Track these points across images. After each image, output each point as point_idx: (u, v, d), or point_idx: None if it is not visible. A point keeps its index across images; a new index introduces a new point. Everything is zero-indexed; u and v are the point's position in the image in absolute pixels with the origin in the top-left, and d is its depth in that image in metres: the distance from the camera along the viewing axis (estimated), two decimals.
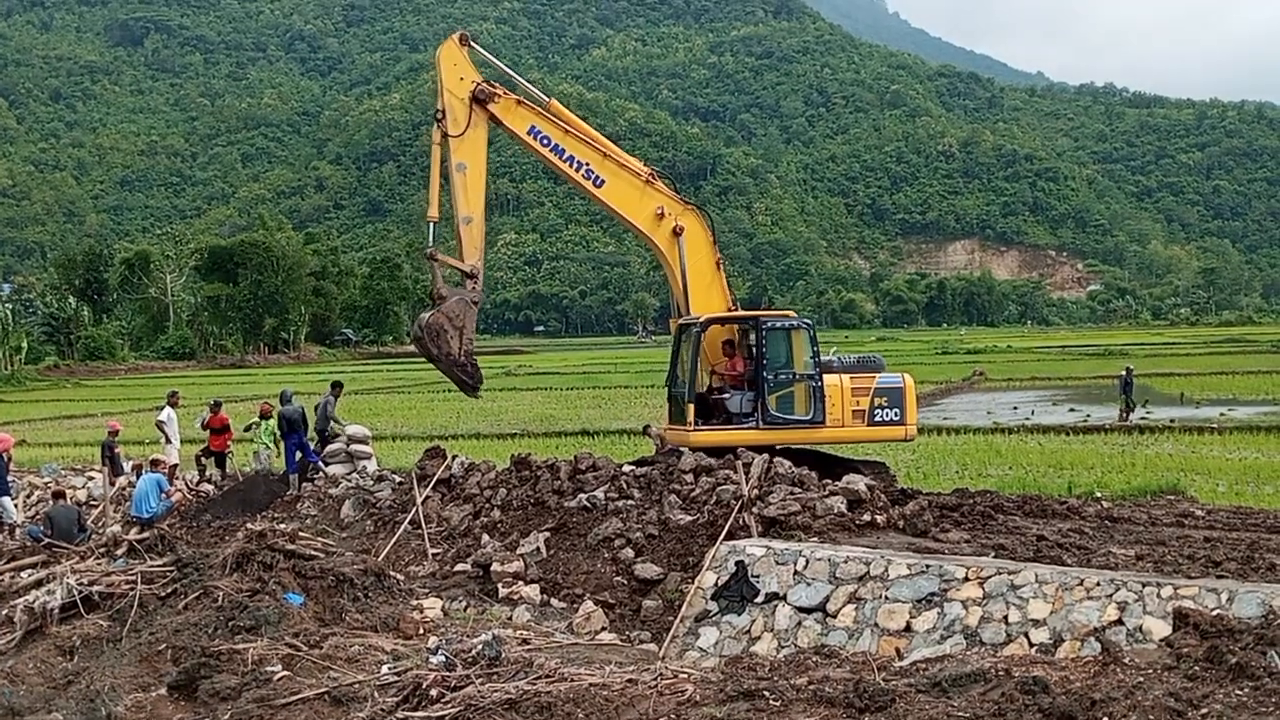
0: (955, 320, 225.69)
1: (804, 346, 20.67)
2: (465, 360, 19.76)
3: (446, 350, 19.57)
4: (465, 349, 19.69)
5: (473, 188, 19.97)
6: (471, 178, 20.02)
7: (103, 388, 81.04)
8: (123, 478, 24.68)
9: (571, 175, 20.80)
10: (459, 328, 19.56)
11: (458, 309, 19.57)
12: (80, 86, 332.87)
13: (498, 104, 20.34)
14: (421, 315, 20.06)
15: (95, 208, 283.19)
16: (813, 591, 13.46)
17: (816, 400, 20.34)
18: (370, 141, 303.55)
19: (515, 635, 13.23)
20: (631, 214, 21.10)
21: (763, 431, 20.17)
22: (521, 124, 20.61)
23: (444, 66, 20.42)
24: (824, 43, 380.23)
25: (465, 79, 20.33)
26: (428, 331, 19.44)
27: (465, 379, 19.95)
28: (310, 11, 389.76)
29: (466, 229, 19.88)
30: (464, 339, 19.63)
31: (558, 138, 20.74)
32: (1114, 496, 21.52)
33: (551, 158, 20.79)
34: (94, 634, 14.17)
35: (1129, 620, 11.33)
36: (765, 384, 20.30)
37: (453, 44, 20.74)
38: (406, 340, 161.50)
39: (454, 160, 19.88)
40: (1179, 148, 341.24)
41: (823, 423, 20.40)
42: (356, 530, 19.63)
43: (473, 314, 19.80)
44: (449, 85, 20.24)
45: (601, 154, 20.92)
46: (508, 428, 39.71)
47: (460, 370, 19.81)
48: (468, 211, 19.85)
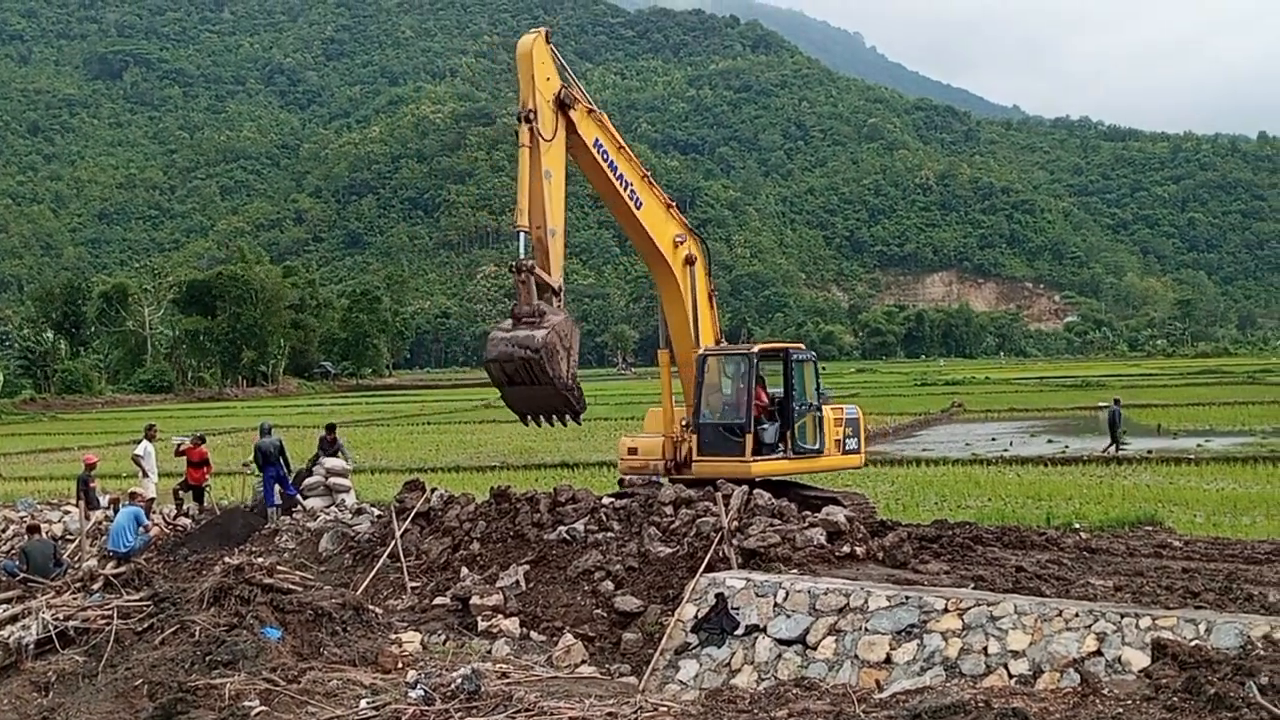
0: (933, 352, 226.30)
1: (812, 379, 21.40)
2: (574, 384, 17.68)
3: (558, 373, 17.21)
4: (572, 371, 17.65)
5: (557, 198, 18.44)
6: (556, 187, 18.45)
7: (79, 421, 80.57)
8: (99, 512, 24.51)
9: (619, 194, 20.02)
10: (568, 348, 17.48)
11: (567, 327, 17.52)
12: (58, 120, 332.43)
13: (577, 111, 19.14)
14: (523, 333, 17.23)
15: (73, 241, 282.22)
16: (793, 624, 13.45)
17: (820, 430, 21.09)
18: (349, 174, 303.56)
19: (494, 669, 13.17)
20: (659, 239, 20.69)
21: (792, 461, 20.73)
22: (590, 135, 19.52)
23: (535, 64, 18.47)
24: (802, 76, 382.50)
25: (551, 80, 18.79)
26: (545, 351, 16.94)
27: (574, 404, 17.80)
28: (289, 45, 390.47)
29: (552, 242, 18.24)
30: (571, 360, 17.58)
31: (613, 153, 19.99)
32: (1092, 527, 21.57)
33: (607, 174, 19.82)
34: (69, 669, 14.05)
35: (1108, 651, 11.36)
36: (793, 414, 20.73)
37: (541, 40, 18.88)
38: (386, 373, 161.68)
39: (542, 167, 18.18)
40: (1154, 180, 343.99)
41: (822, 452, 21.15)
42: (335, 564, 19.54)
43: (577, 333, 17.95)
44: (538, 84, 18.43)
45: (641, 174, 20.58)
46: (487, 460, 39.61)
47: (570, 395, 17.60)
48: (554, 223, 18.27)
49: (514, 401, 18.03)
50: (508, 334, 17.47)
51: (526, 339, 17.13)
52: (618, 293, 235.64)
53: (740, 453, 20.07)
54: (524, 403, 18.01)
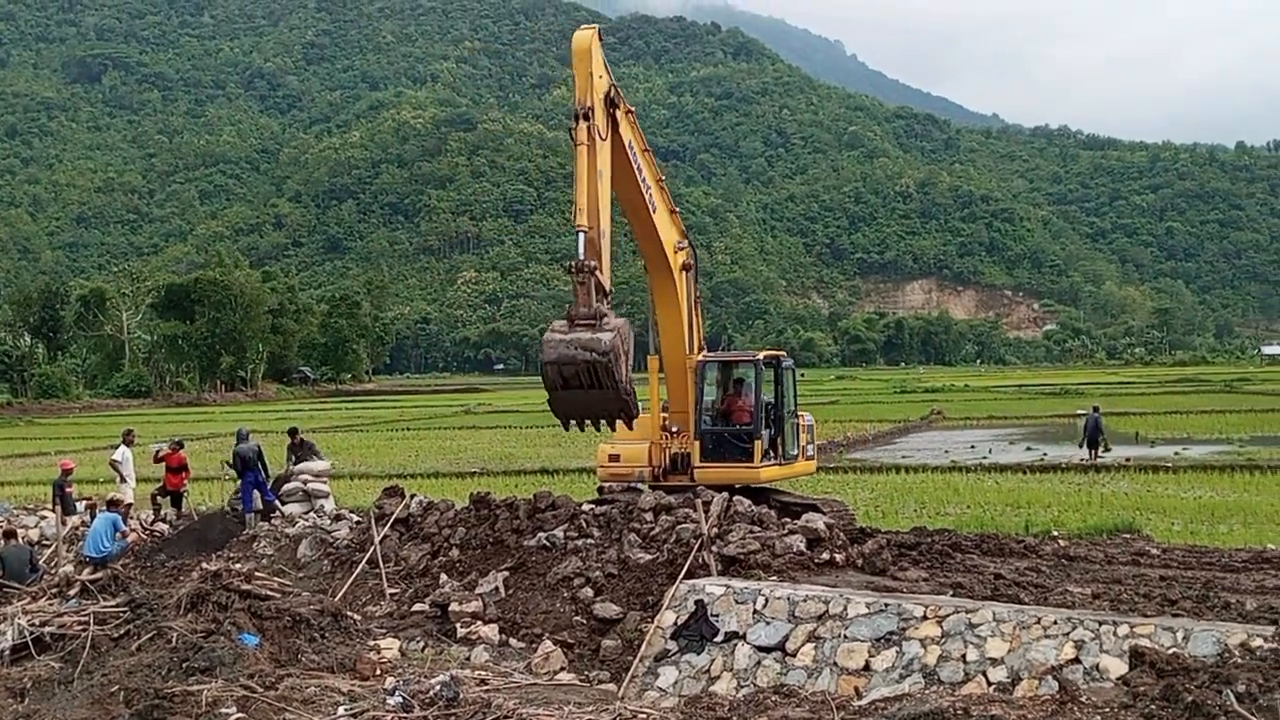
0: (913, 359, 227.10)
1: (793, 386, 21.85)
2: (631, 388, 17.00)
3: (619, 376, 16.55)
4: (629, 375, 16.93)
5: (606, 199, 17.79)
6: (605, 187, 17.87)
7: (56, 426, 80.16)
8: (75, 517, 24.37)
9: (640, 197, 19.85)
10: (627, 351, 16.77)
11: (627, 331, 16.83)
12: (37, 123, 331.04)
13: (620, 110, 18.78)
14: (588, 336, 16.50)
15: (51, 245, 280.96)
16: (772, 630, 13.45)
17: (797, 437, 21.59)
18: (329, 179, 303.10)
19: (473, 676, 13.15)
20: (666, 243, 20.75)
21: (782, 467, 21.13)
22: (627, 135, 19.19)
23: (594, 61, 18.02)
24: (783, 84, 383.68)
25: (603, 78, 18.32)
26: (613, 355, 16.30)
27: (632, 407, 17.31)
28: (270, 49, 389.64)
29: (603, 243, 17.45)
30: (629, 363, 16.89)
31: (640, 155, 19.82)
32: (1071, 535, 21.64)
33: (635, 176, 19.58)
34: (45, 675, 13.97)
35: (1086, 659, 11.38)
36: (783, 421, 21.16)
37: (595, 38, 18.28)
38: (365, 378, 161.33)
39: (596, 165, 17.63)
40: (1132, 189, 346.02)
41: (798, 458, 21.63)
42: (313, 570, 19.46)
43: (631, 338, 17.06)
44: (594, 82, 17.97)
45: (657, 178, 20.62)
46: (467, 466, 39.55)
47: (630, 398, 17.02)
48: (604, 225, 17.56)
49: (564, 405, 17.28)
50: (566, 336, 16.68)
51: (592, 341, 16.44)
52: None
53: (749, 459, 20.33)
54: (577, 407, 17.30)
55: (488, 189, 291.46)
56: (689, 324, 21.21)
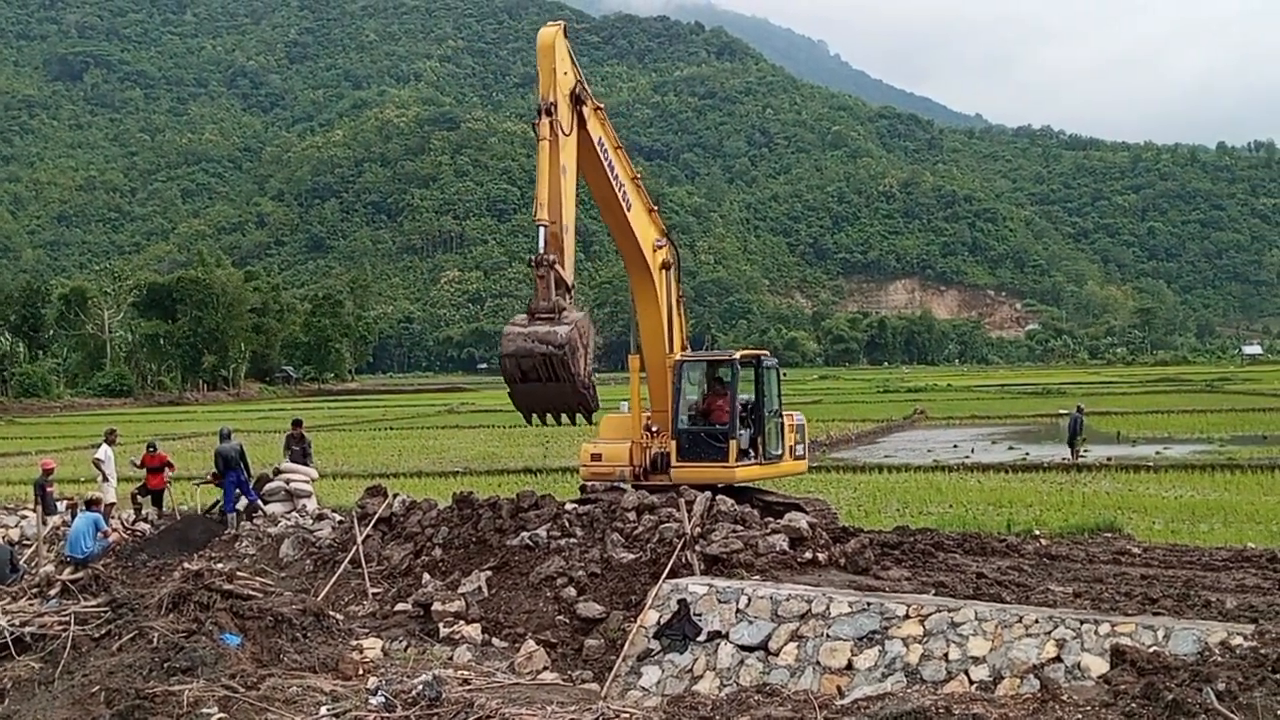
0: (896, 359, 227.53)
1: (776, 385, 21.72)
2: (591, 382, 17.36)
3: (577, 370, 16.81)
4: (589, 369, 17.28)
5: (570, 193, 18.01)
6: (570, 182, 18.09)
7: (37, 425, 79.79)
8: (56, 517, 24.28)
9: (613, 195, 19.91)
10: (585, 345, 17.08)
11: (586, 325, 17.18)
12: (18, 121, 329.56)
13: (588, 106, 19.07)
14: (545, 329, 16.72)
15: (32, 243, 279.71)
16: (755, 630, 13.47)
17: (781, 436, 21.45)
18: (312, 178, 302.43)
19: (456, 675, 13.13)
20: (643, 241, 20.81)
21: (763, 467, 21.04)
22: (595, 132, 19.39)
23: (557, 57, 18.42)
24: (766, 84, 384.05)
25: (569, 74, 18.70)
26: (569, 348, 16.53)
27: (590, 402, 17.45)
28: (252, 48, 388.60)
29: (566, 238, 17.71)
30: (588, 358, 17.20)
31: (612, 152, 19.93)
32: (1052, 534, 21.69)
33: (605, 172, 19.71)
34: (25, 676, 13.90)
35: (1067, 657, 11.42)
36: (764, 420, 21.03)
37: (561, 33, 18.83)
38: (348, 378, 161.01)
39: (559, 161, 17.85)
40: (1114, 190, 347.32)
41: (782, 457, 21.47)
42: (296, 570, 19.41)
43: (592, 332, 17.47)
44: (557, 78, 18.30)
45: (632, 176, 20.67)
46: (450, 465, 39.51)
47: (587, 392, 17.24)
48: (567, 219, 17.77)
49: (523, 399, 17.51)
50: (524, 329, 16.88)
51: (548, 335, 16.64)
52: (582, 299, 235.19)
53: (724, 458, 20.21)
54: (535, 400, 17.49)
55: (471, 188, 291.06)
56: (668, 323, 21.22)
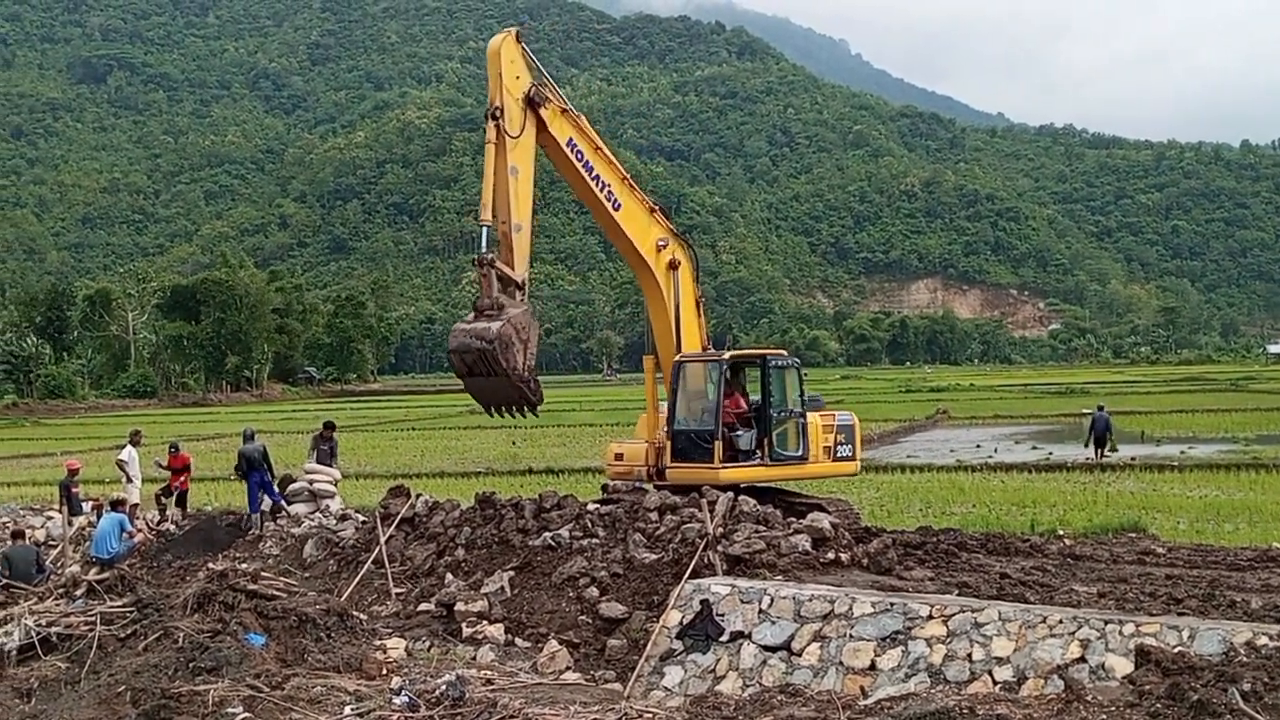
0: (918, 358, 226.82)
1: (794, 385, 21.19)
2: (529, 376, 18.06)
3: (513, 364, 17.61)
4: (529, 364, 17.96)
5: (523, 194, 18.78)
6: (523, 183, 18.80)
7: (62, 426, 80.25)
8: (81, 518, 24.42)
9: (595, 195, 20.28)
10: (524, 340, 17.81)
11: (523, 320, 17.88)
12: (42, 124, 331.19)
13: (547, 109, 19.49)
14: (480, 325, 17.68)
15: (56, 245, 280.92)
16: (778, 630, 13.45)
17: (803, 437, 20.88)
18: (334, 179, 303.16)
19: (479, 675, 13.16)
20: (639, 242, 20.87)
21: (769, 468, 20.63)
22: (563, 134, 19.82)
23: (503, 62, 19.01)
24: (787, 83, 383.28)
25: (521, 78, 19.24)
26: (499, 343, 17.33)
27: (529, 396, 18.18)
28: (275, 50, 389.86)
29: (517, 237, 18.55)
30: (528, 353, 17.90)
31: (589, 154, 20.26)
32: (1076, 534, 21.62)
33: (582, 174, 20.12)
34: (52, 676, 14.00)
35: (1092, 658, 11.38)
36: (770, 421, 20.63)
37: (511, 39, 19.47)
38: (371, 378, 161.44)
39: (508, 163, 18.60)
40: (1138, 188, 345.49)
41: (806, 459, 20.93)
42: (319, 570, 19.49)
43: (536, 326, 18.30)
44: (506, 83, 18.88)
45: (621, 177, 20.72)
46: (472, 466, 39.58)
47: (525, 386, 18.00)
48: (519, 218, 18.59)
49: (474, 391, 18.54)
50: (469, 326, 17.93)
51: (483, 330, 17.56)
52: (603, 298, 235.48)
53: (709, 459, 20.13)
54: (483, 393, 18.47)
55: None
56: (675, 324, 21.16)
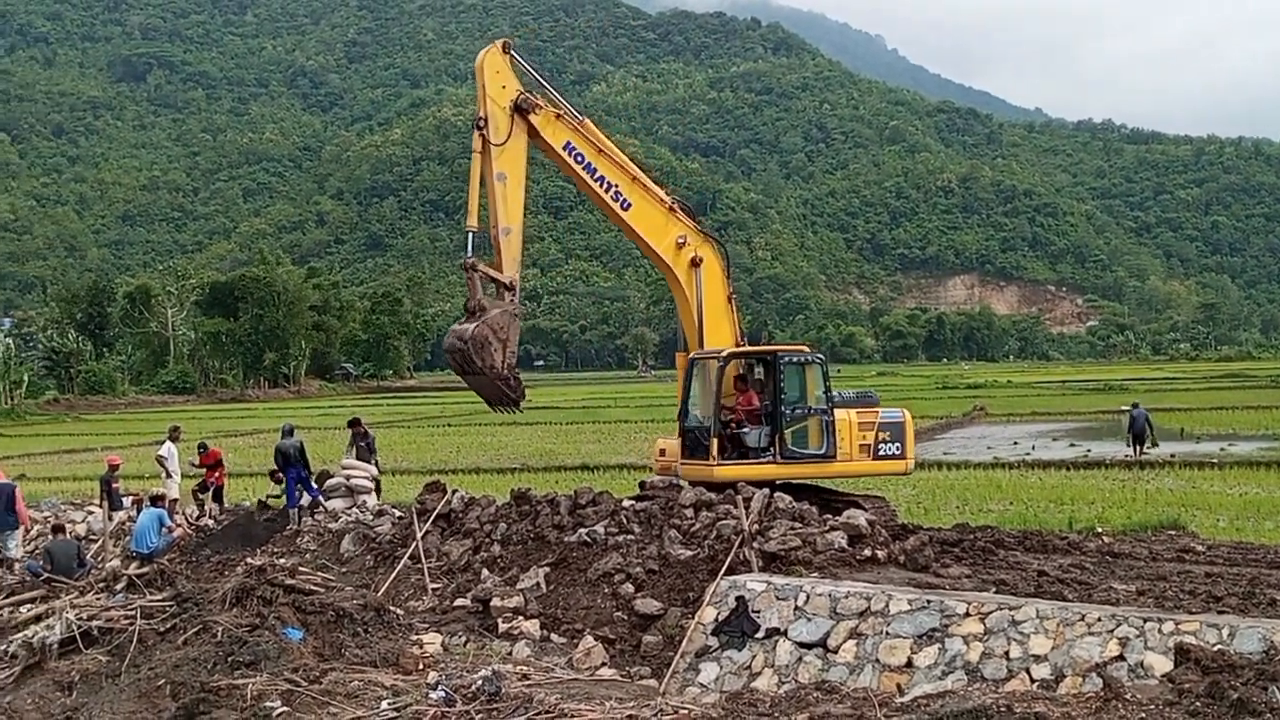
0: (955, 355, 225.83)
1: (817, 381, 20.83)
2: (508, 374, 19.17)
3: (490, 363, 18.90)
4: (508, 362, 19.10)
5: (512, 199, 19.77)
6: (511, 188, 19.77)
7: (103, 422, 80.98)
8: (121, 513, 24.64)
9: (600, 195, 20.71)
10: (503, 340, 18.97)
11: (501, 320, 19.02)
12: (83, 122, 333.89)
13: (538, 116, 20.07)
14: (462, 326, 19.06)
15: (97, 242, 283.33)
16: (813, 627, 13.44)
17: (829, 435, 20.45)
18: (371, 177, 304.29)
19: (515, 671, 13.20)
20: (654, 240, 21.00)
21: (780, 466, 20.23)
22: (558, 139, 20.40)
23: (487, 73, 19.87)
24: (823, 79, 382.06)
25: (508, 87, 19.97)
26: (473, 343, 18.65)
27: (508, 393, 19.36)
28: (312, 48, 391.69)
29: (505, 240, 19.57)
30: (507, 352, 19.04)
31: (591, 156, 20.61)
32: (1115, 532, 21.47)
33: (584, 176, 20.63)
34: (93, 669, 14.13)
35: (1130, 656, 11.31)
36: (782, 418, 20.32)
37: (495, 51, 20.20)
38: (407, 375, 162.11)
39: (494, 170, 19.56)
40: (1177, 184, 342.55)
41: (833, 457, 20.49)
42: (356, 565, 19.60)
43: (516, 326, 19.38)
44: (491, 93, 19.73)
45: (630, 177, 20.86)
46: (507, 462, 39.66)
47: (504, 384, 19.21)
48: (507, 223, 19.59)
49: (472, 388, 19.84)
50: (457, 327, 19.32)
51: (462, 331, 18.92)
52: (638, 295, 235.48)
53: (707, 455, 20.17)
54: (479, 390, 19.67)
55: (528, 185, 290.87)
56: (698, 321, 21.10)
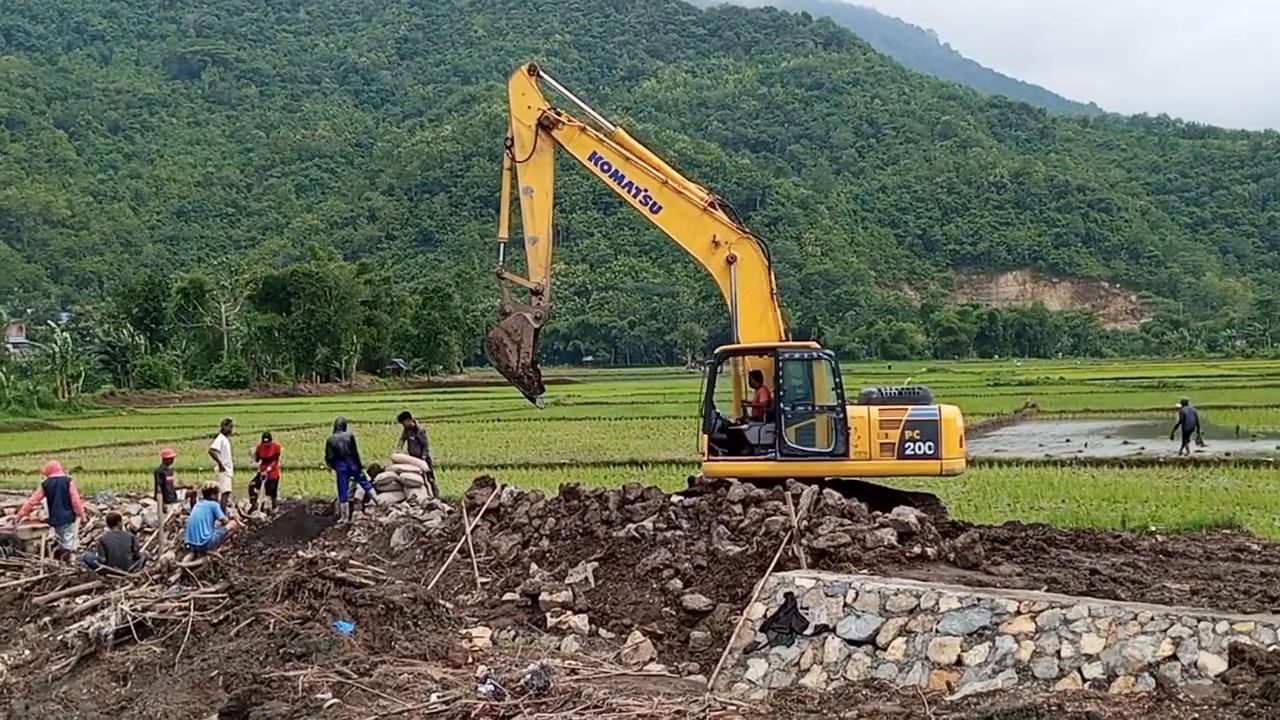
0: (1006, 352, 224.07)
1: (825, 378, 20.36)
2: (521, 371, 21.29)
3: (505, 363, 21.33)
4: (522, 361, 21.20)
5: (539, 210, 21.34)
6: (538, 200, 21.34)
7: (158, 415, 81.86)
8: (176, 505, 24.89)
9: (630, 201, 21.54)
10: (516, 341, 21.12)
11: (515, 324, 21.20)
12: (138, 119, 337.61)
13: (561, 130, 21.34)
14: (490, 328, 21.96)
15: (152, 238, 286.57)
16: (862, 624, 13.39)
17: (838, 432, 19.88)
18: (422, 172, 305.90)
19: (563, 665, 13.24)
20: (686, 241, 21.37)
21: (780, 463, 19.83)
22: (583, 150, 21.48)
23: (513, 95, 21.57)
24: (874, 74, 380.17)
25: (532, 107, 21.41)
26: (489, 345, 21.56)
27: (525, 387, 21.65)
28: (364, 44, 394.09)
29: (532, 248, 21.41)
30: (521, 351, 21.15)
31: (618, 164, 21.40)
32: (1169, 530, 21.24)
33: (611, 183, 21.56)
34: (147, 660, 14.30)
35: (1184, 656, 11.20)
36: (783, 415, 20.07)
37: (521, 74, 21.81)
38: (457, 370, 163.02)
39: (521, 184, 21.20)
40: (1233, 179, 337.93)
41: (845, 455, 19.88)
42: (406, 559, 19.70)
43: (530, 328, 21.19)
44: (517, 113, 21.42)
45: (661, 181, 21.20)
46: (556, 457, 39.73)
47: (517, 381, 21.54)
48: (534, 232, 21.35)
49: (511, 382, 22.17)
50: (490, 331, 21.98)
51: (485, 334, 21.87)
52: (687, 291, 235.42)
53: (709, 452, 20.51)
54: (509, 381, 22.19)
55: (577, 181, 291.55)
56: (735, 318, 21.04)
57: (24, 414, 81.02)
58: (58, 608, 17.54)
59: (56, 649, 15.52)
